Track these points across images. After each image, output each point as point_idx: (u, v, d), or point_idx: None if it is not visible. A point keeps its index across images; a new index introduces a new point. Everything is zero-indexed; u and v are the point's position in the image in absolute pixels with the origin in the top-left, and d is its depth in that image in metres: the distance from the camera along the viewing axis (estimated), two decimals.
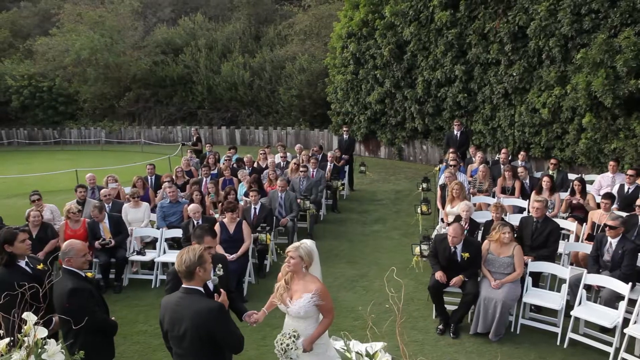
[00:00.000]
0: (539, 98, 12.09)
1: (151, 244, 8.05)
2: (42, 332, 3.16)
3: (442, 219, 8.33)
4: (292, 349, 3.58)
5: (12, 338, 3.17)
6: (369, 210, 11.42)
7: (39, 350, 3.12)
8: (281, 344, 3.63)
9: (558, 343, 5.57)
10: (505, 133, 13.60)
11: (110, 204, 8.08)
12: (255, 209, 7.98)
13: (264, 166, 11.46)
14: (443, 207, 8.50)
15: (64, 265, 3.92)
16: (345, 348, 2.83)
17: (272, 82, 24.15)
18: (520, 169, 9.42)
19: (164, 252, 7.57)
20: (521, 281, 5.95)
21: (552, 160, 9.72)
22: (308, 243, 3.91)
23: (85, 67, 25.36)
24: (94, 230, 7.27)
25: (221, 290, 3.69)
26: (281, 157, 11.96)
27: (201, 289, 3.26)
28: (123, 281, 7.45)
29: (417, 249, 6.47)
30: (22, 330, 3.13)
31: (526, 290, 5.97)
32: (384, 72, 16.65)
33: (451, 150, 10.88)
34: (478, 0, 13.26)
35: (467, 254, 5.77)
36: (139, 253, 7.52)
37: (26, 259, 4.26)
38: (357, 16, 17.13)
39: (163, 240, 7.63)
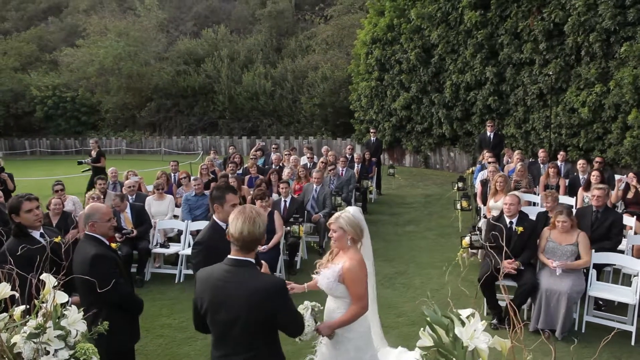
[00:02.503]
0: (578, 97, 11.51)
1: (174, 240, 7.65)
2: (62, 297, 2.73)
3: (484, 215, 7.78)
4: (307, 324, 2.96)
5: (27, 306, 2.74)
6: (400, 213, 10.88)
7: (58, 316, 2.68)
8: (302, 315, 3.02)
9: (633, 342, 4.92)
10: (540, 136, 13.00)
11: (133, 196, 7.73)
12: (285, 202, 7.54)
13: (288, 167, 11.06)
14: (484, 204, 8.00)
15: (86, 232, 3.50)
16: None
17: (293, 91, 23.96)
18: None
19: (189, 246, 7.14)
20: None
21: (598, 159, 9.10)
22: (351, 211, 3.30)
23: (108, 77, 25.60)
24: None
25: (262, 261, 3.19)
26: (308, 157, 11.57)
27: (253, 260, 2.58)
28: (145, 275, 7.03)
29: (466, 240, 5.91)
30: (39, 297, 2.71)
31: (590, 285, 5.35)
32: (409, 76, 16.27)
33: (486, 151, 10.36)
34: None
35: (521, 228, 5.27)
36: (162, 246, 7.11)
37: (41, 230, 3.84)
38: (382, 22, 16.88)
39: (188, 233, 7.22)
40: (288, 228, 7.06)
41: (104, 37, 25.80)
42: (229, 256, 2.58)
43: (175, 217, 8.07)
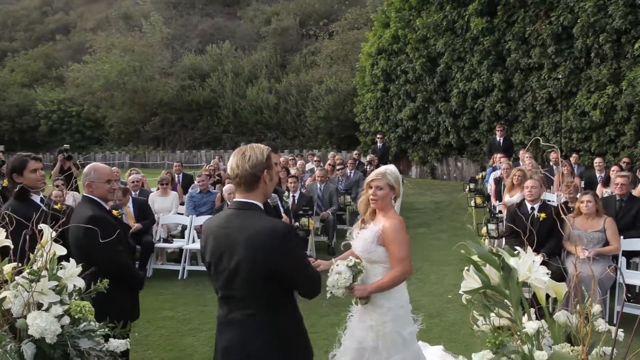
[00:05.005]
0: (589, 100, 11.34)
1: (177, 237, 7.38)
2: (61, 250, 2.48)
3: (499, 211, 7.51)
4: (343, 277, 2.68)
5: (19, 264, 2.48)
6: (409, 217, 10.57)
7: (55, 267, 2.42)
8: (337, 265, 2.73)
9: None
10: (550, 141, 12.77)
11: (137, 192, 7.49)
12: (294, 197, 7.29)
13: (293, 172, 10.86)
14: (499, 201, 7.74)
15: (84, 193, 3.24)
16: None
17: (298, 105, 23.94)
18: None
19: (193, 241, 6.87)
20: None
21: (625, 159, 8.84)
22: (392, 167, 3.07)
23: (113, 92, 25.69)
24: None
25: (284, 215, 2.90)
26: (315, 161, 11.37)
27: (261, 204, 2.28)
28: (147, 271, 6.73)
29: (484, 229, 5.63)
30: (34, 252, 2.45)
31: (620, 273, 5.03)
32: (415, 86, 16.17)
33: (496, 154, 10.15)
34: (517, 4, 12.82)
35: (543, 214, 4.99)
36: (165, 240, 6.84)
37: (41, 195, 3.58)
38: (387, 33, 16.90)
39: (192, 227, 6.95)
40: (297, 224, 6.79)
41: (109, 53, 26.01)
42: (235, 199, 2.31)
43: (181, 214, 7.82)
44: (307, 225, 6.61)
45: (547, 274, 1.85)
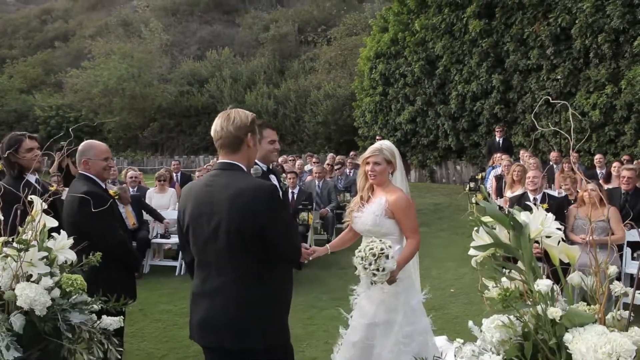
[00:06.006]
0: (588, 100, 11.33)
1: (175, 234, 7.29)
2: (52, 222, 2.39)
3: (500, 207, 7.42)
4: (385, 255, 2.51)
5: (8, 238, 2.39)
6: None
7: (45, 239, 2.33)
8: (371, 249, 2.54)
9: None
10: (550, 143, 12.75)
11: (135, 188, 7.40)
12: (293, 193, 7.21)
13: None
14: (500, 197, 7.67)
15: (79, 171, 3.16)
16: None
17: (296, 110, 23.94)
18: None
19: None
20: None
21: (625, 157, 8.81)
22: (387, 142, 3.06)
23: (111, 98, 25.68)
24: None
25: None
26: (314, 162, 11.32)
27: (244, 167, 2.22)
28: (144, 267, 6.62)
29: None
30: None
31: (625, 264, 4.96)
32: (414, 89, 16.16)
33: (496, 154, 10.11)
34: (515, 6, 12.86)
35: (545, 205, 4.91)
36: (162, 236, 6.74)
37: (37, 176, 3.50)
38: (385, 37, 16.94)
39: None
40: (297, 219, 6.71)
41: (108, 59, 26.04)
42: (219, 160, 2.26)
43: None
44: (306, 220, 6.53)
45: (559, 228, 1.78)
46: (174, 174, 9.51)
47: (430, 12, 15.12)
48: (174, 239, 6.80)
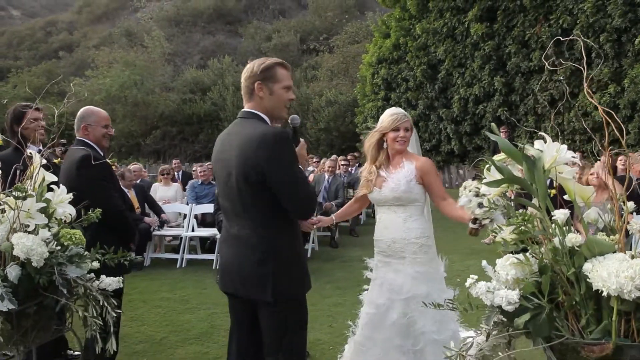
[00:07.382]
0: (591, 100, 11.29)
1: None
2: (51, 176, 2.34)
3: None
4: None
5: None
6: None
7: (44, 191, 2.27)
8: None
9: None
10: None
11: (139, 180, 7.37)
12: None
13: None
14: None
15: (78, 137, 3.11)
16: None
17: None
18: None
19: (193, 230, 6.70)
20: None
21: (631, 154, 8.75)
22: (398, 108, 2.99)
23: (114, 106, 25.77)
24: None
25: (301, 140, 2.66)
26: (314, 162, 11.27)
27: (263, 115, 2.19)
28: (145, 260, 6.55)
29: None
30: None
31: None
32: (416, 94, 16.18)
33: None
34: (516, 8, 12.92)
35: (553, 191, 4.83)
36: (161, 225, 6.66)
37: (40, 147, 3.45)
38: (387, 42, 17.02)
39: (192, 216, 6.79)
40: None
41: (111, 67, 26.20)
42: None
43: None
44: None
45: (573, 157, 1.72)
46: (175, 173, 9.49)
47: (431, 16, 15.20)
48: (176, 231, 6.74)
